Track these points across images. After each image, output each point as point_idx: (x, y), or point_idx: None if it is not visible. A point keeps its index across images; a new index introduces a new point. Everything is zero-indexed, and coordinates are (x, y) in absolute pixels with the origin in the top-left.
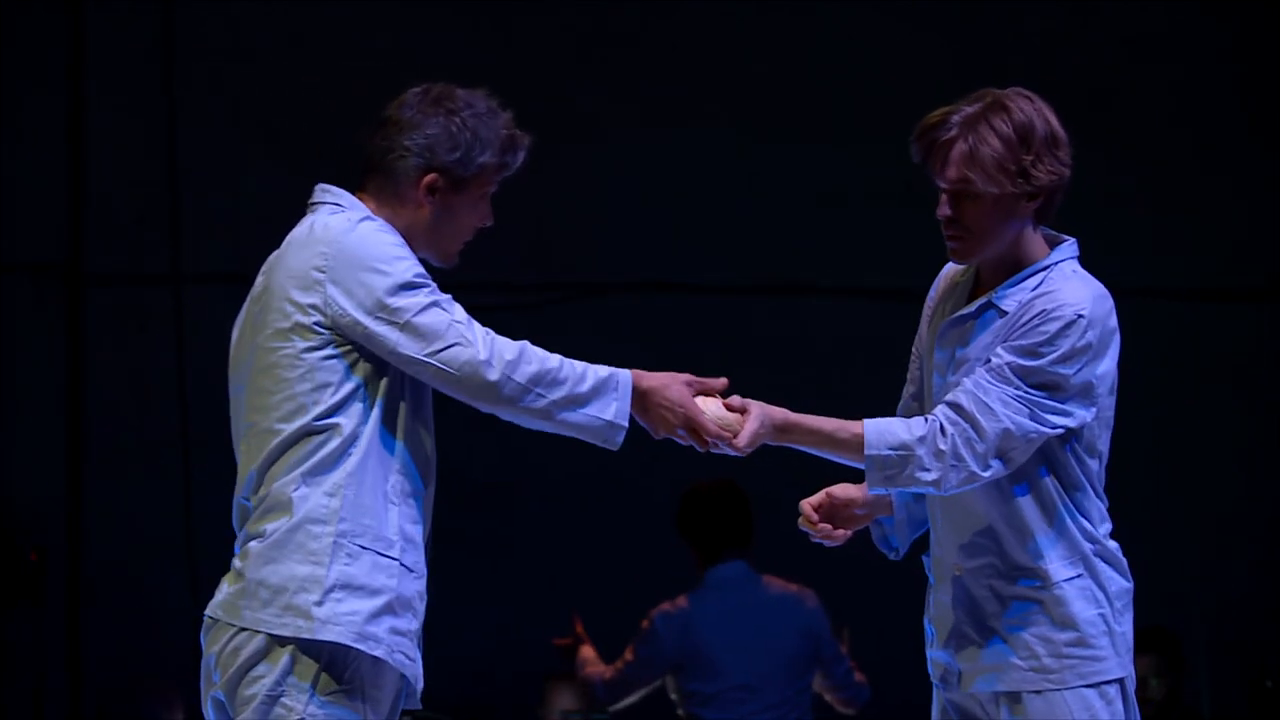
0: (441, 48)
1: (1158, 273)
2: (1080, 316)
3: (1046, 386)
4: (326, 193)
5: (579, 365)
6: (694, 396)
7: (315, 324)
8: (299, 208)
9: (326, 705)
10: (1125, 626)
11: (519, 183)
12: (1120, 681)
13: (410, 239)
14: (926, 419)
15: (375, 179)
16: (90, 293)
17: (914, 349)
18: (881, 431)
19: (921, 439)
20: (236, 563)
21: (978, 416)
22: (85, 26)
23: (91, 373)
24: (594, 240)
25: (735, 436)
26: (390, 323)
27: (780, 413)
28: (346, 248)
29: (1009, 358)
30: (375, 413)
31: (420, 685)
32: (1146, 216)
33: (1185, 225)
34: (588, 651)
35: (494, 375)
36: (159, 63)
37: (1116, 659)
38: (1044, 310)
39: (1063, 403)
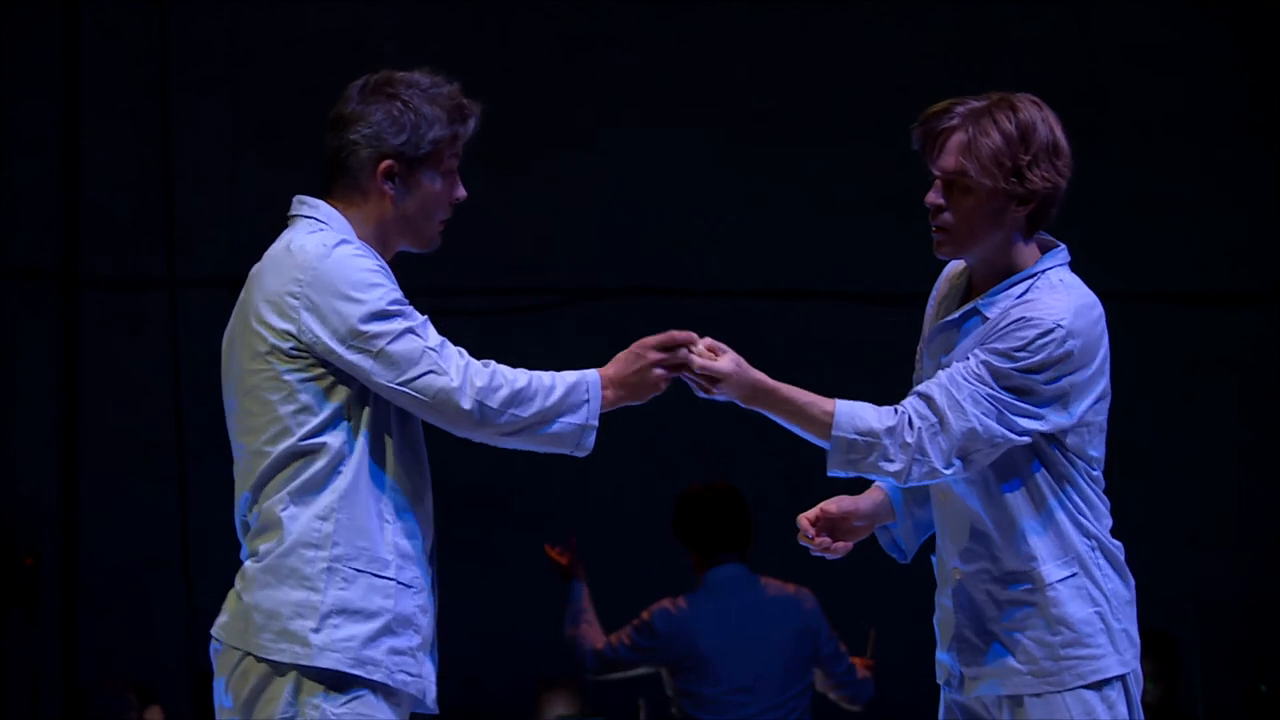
0: (439, 52)
1: (1156, 277)
2: (1059, 326)
3: (1018, 390)
4: (303, 205)
5: (545, 378)
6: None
7: (292, 349)
8: None
9: (343, 716)
10: (1125, 623)
11: (517, 188)
12: (1122, 679)
13: (385, 232)
14: (897, 409)
15: (338, 181)
16: (85, 297)
17: (919, 349)
18: (852, 415)
19: (890, 429)
20: (236, 583)
21: (947, 413)
22: (80, 30)
23: (86, 377)
24: (591, 245)
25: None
26: (363, 351)
27: (757, 374)
28: (321, 274)
29: (984, 357)
30: (362, 431)
31: (430, 695)
32: (1145, 221)
33: (1184, 229)
34: (585, 600)
35: (467, 403)
36: (154, 67)
37: (1115, 656)
38: (1023, 317)
39: (1036, 407)
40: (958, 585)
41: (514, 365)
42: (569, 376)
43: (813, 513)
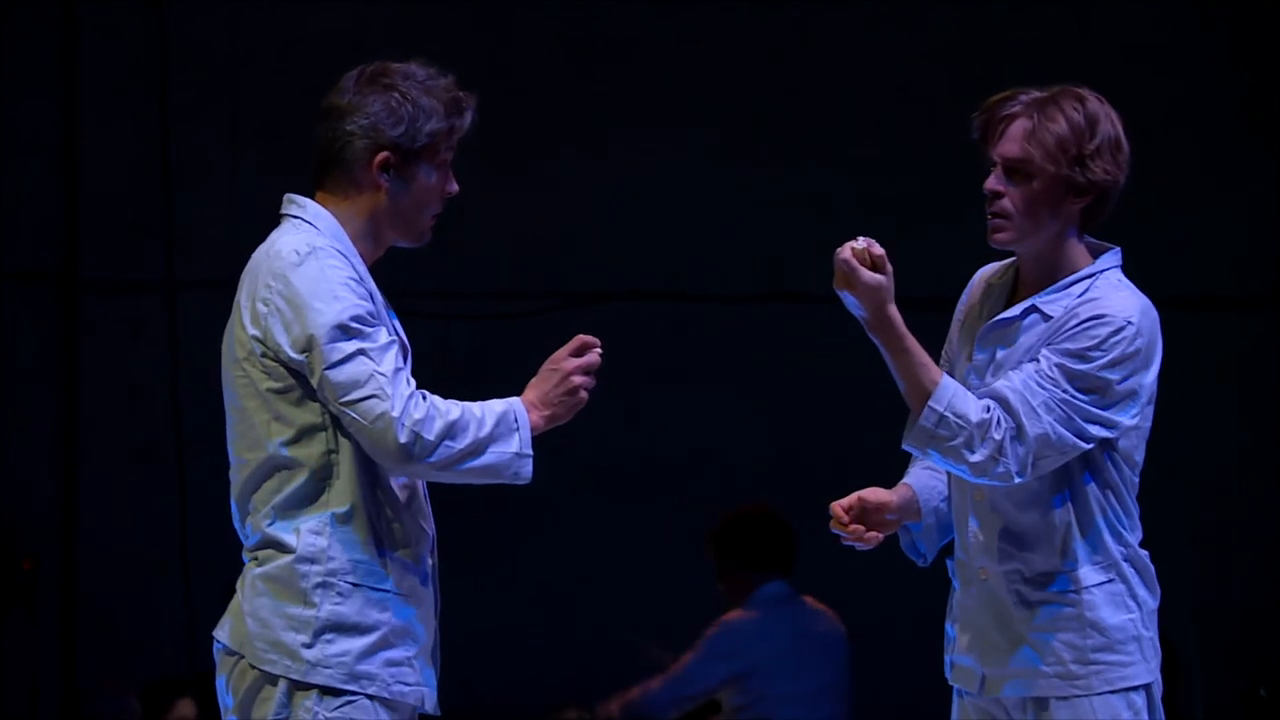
0: (437, 56)
1: (1156, 280)
2: (1130, 323)
3: (1092, 391)
4: (292, 204)
5: (476, 409)
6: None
7: (262, 355)
8: None
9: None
10: (1152, 632)
11: (518, 191)
12: (1147, 687)
13: (377, 226)
14: (988, 406)
15: (331, 173)
16: (84, 300)
17: (943, 353)
18: (954, 394)
19: (983, 422)
20: (238, 587)
21: (1023, 419)
22: (79, 33)
23: (86, 379)
24: (592, 248)
25: (864, 264)
26: (315, 365)
27: (894, 309)
28: (291, 283)
29: (1058, 359)
30: (344, 444)
31: (430, 701)
32: (1145, 224)
33: (1184, 232)
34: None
35: (404, 436)
36: (153, 69)
37: (1144, 665)
38: (1095, 315)
39: (1105, 409)
40: (984, 585)
41: (515, 370)
42: (496, 406)
43: (847, 500)
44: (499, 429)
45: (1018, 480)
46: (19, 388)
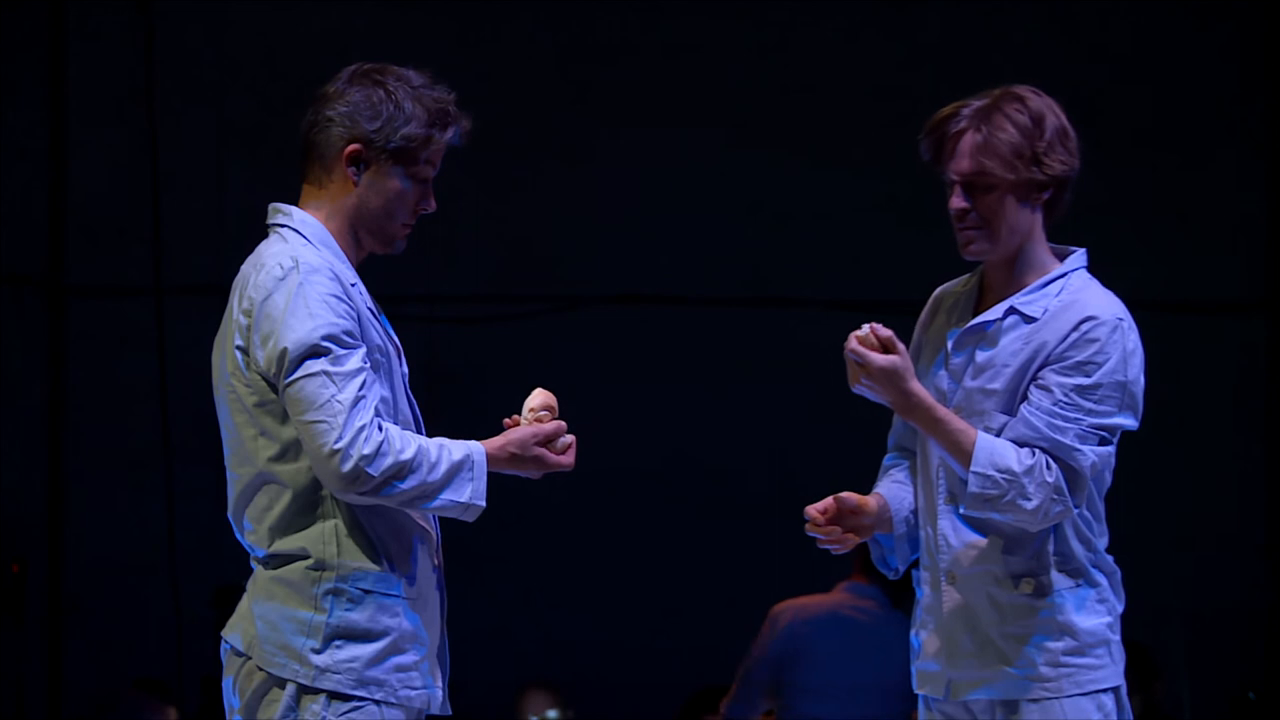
0: (427, 61)
1: (1144, 284)
2: (1120, 319)
3: (1110, 398)
4: (278, 213)
5: (433, 451)
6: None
7: (245, 369)
8: None
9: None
10: (1119, 635)
11: (507, 195)
12: (1115, 690)
13: (352, 224)
14: (1033, 451)
15: (309, 162)
16: (72, 305)
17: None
18: (991, 451)
19: (1028, 468)
20: (248, 588)
21: (1066, 459)
22: (66, 39)
23: (73, 384)
24: (581, 253)
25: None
26: (280, 380)
27: (915, 385)
28: (272, 297)
29: (1071, 382)
30: None
31: (436, 703)
32: (1133, 229)
33: (1172, 238)
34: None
35: (347, 466)
36: (140, 74)
37: (1113, 667)
38: (1086, 318)
39: (1121, 412)
40: (951, 590)
41: (506, 372)
42: (456, 452)
43: (822, 504)
44: (455, 476)
45: (1076, 513)
46: (6, 392)
